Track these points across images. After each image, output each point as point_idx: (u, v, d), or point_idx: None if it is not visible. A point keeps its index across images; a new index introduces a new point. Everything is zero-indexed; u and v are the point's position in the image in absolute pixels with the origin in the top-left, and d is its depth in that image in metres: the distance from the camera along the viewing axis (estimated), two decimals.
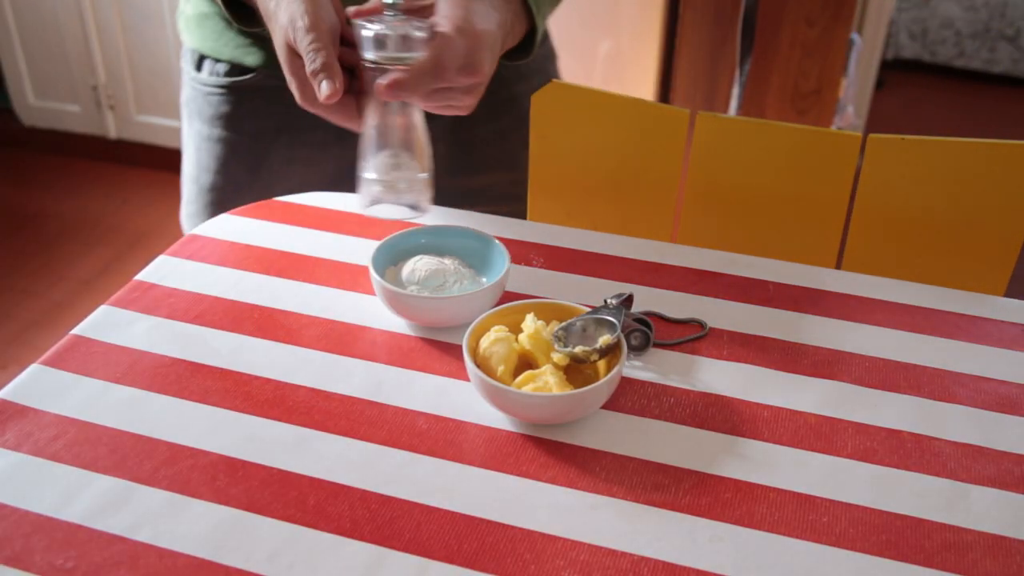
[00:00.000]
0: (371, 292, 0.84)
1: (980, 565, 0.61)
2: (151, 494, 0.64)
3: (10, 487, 0.65)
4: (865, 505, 0.65)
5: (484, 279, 0.83)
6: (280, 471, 0.67)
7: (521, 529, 0.63)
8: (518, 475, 0.67)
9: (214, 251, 0.90)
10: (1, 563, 0.59)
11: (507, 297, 0.83)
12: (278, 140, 1.06)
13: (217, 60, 1.05)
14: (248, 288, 0.85)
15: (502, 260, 0.81)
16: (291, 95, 0.81)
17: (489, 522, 0.63)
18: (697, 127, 1.03)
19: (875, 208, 1.00)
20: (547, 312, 0.76)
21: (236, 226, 0.94)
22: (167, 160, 2.59)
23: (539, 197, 1.10)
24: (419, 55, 0.75)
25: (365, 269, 0.87)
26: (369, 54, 0.76)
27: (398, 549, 0.61)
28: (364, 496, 0.65)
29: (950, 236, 1.00)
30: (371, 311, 0.82)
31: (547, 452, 0.69)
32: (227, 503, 0.64)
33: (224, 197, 1.09)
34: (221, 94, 1.06)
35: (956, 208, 0.99)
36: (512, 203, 1.10)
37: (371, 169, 0.80)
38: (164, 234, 2.35)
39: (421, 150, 0.80)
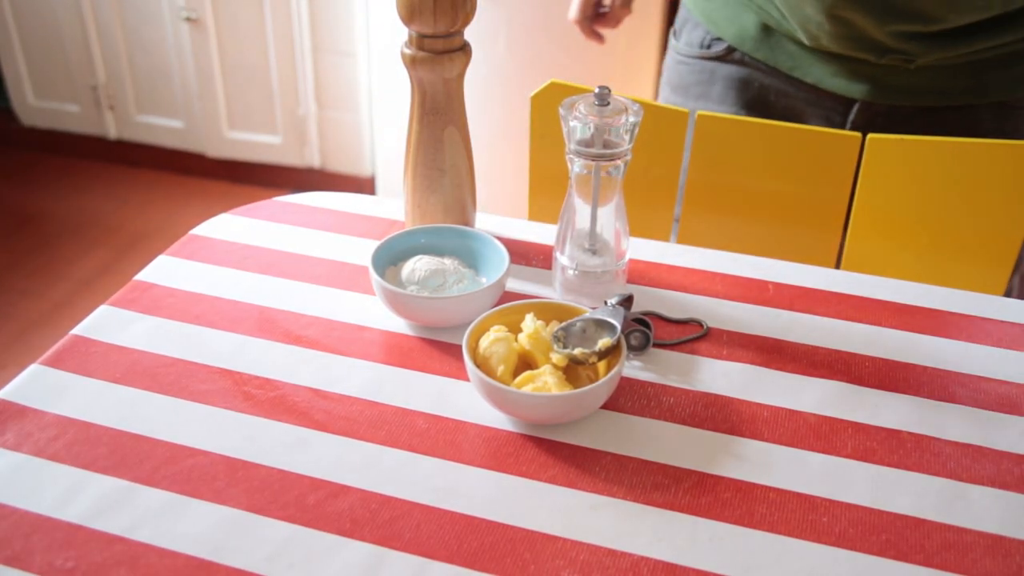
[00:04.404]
0: (371, 292, 0.84)
1: (980, 565, 0.61)
2: (151, 494, 0.64)
3: (10, 487, 0.65)
4: (865, 505, 0.65)
5: (484, 279, 0.83)
6: (280, 471, 0.67)
7: (521, 529, 0.63)
8: (518, 475, 0.67)
9: (214, 251, 0.90)
10: (1, 563, 0.59)
11: (507, 297, 0.83)
12: None
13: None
14: (248, 288, 0.85)
15: (502, 260, 0.81)
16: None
17: (489, 522, 0.63)
18: (697, 127, 1.03)
19: (875, 208, 1.00)
20: (547, 312, 0.76)
21: (236, 226, 0.94)
22: (167, 160, 2.58)
23: (539, 197, 1.10)
24: None
25: (365, 269, 0.87)
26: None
27: (398, 549, 0.61)
28: (364, 496, 0.65)
29: (950, 236, 1.00)
30: (371, 311, 0.82)
31: (547, 452, 0.69)
32: (227, 503, 0.64)
33: None
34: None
35: (956, 208, 0.98)
36: None
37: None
38: (164, 234, 2.34)
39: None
